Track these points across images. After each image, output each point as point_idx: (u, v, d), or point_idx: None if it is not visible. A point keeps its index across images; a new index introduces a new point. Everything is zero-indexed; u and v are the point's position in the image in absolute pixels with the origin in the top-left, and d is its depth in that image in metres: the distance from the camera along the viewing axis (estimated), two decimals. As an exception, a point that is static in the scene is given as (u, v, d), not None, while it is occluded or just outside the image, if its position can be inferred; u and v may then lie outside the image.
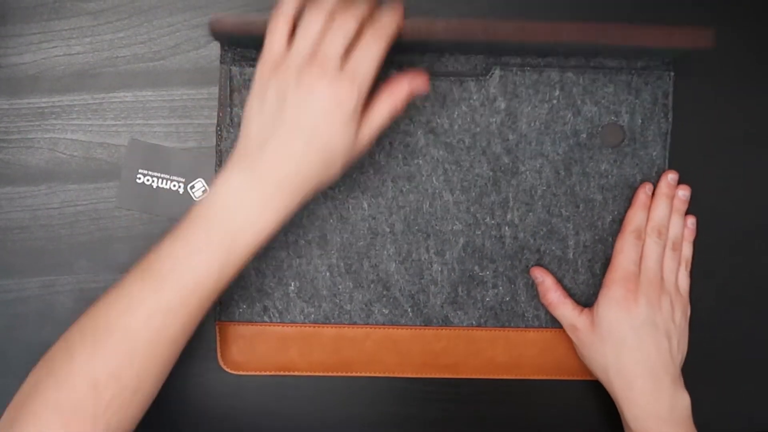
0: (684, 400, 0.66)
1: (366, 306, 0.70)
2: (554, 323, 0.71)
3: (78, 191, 0.70)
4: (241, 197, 0.57)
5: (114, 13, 0.70)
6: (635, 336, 0.65)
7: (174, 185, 0.70)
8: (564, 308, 0.69)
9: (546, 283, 0.70)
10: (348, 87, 0.55)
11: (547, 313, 0.71)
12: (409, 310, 0.71)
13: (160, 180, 0.70)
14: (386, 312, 0.70)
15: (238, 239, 0.57)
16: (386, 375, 0.71)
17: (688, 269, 0.70)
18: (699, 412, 0.67)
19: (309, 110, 0.56)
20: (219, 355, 0.71)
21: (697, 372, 0.72)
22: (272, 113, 0.57)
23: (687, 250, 0.70)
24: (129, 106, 0.70)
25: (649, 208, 0.69)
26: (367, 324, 0.71)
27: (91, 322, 0.57)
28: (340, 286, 0.70)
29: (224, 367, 0.71)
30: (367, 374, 0.71)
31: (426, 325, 0.71)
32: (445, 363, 0.71)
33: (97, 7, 0.70)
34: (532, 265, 0.70)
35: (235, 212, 0.57)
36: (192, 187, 0.70)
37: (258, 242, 0.58)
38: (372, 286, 0.70)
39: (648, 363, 0.65)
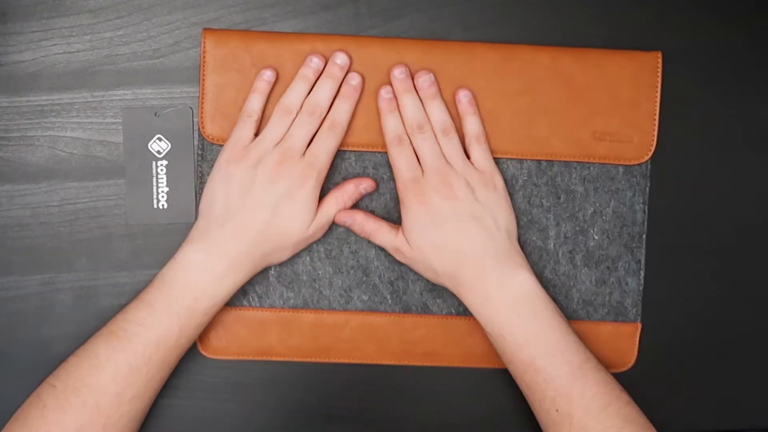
0: (517, 276, 0.65)
1: (345, 292, 0.71)
2: None
3: (78, 189, 0.71)
4: (199, 271, 0.64)
5: (113, 11, 0.70)
6: (442, 233, 0.65)
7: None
8: (383, 233, 0.68)
9: (357, 218, 0.69)
10: (308, 170, 0.65)
11: None
12: (388, 296, 0.71)
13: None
14: (365, 298, 0.71)
15: (195, 307, 0.64)
16: (364, 362, 0.72)
17: (483, 143, 0.68)
18: (698, 412, 0.67)
19: (273, 190, 0.64)
20: (197, 339, 0.70)
21: (697, 372, 0.74)
22: (236, 195, 0.65)
23: (471, 126, 0.68)
24: (129, 103, 0.70)
25: (398, 110, 0.68)
26: (346, 310, 0.71)
27: (61, 380, 0.62)
28: (319, 271, 0.71)
29: (202, 352, 0.71)
30: (346, 361, 0.71)
31: (405, 313, 0.71)
32: (423, 351, 0.72)
33: (97, 5, 0.70)
34: None
35: (194, 284, 0.64)
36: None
37: (212, 308, 0.65)
38: (351, 272, 0.71)
39: (463, 253, 0.65)
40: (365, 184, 0.69)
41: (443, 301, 0.71)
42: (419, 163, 0.66)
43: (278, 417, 0.73)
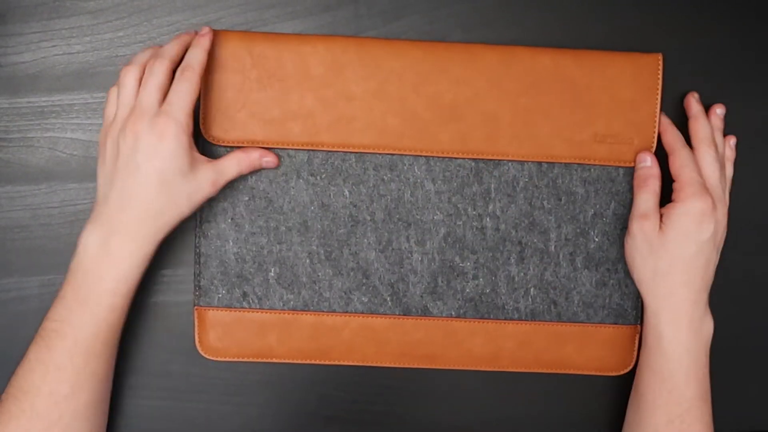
0: (710, 322, 0.67)
1: (345, 294, 0.71)
2: (534, 316, 0.71)
3: (78, 190, 0.71)
4: (96, 251, 0.63)
5: (113, 12, 0.70)
6: (697, 250, 0.66)
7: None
8: (654, 194, 0.68)
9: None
10: (165, 120, 0.62)
11: (527, 305, 0.71)
12: (388, 299, 0.71)
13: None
14: (365, 300, 0.71)
15: (100, 290, 0.63)
16: (364, 364, 0.71)
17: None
18: None
19: (138, 151, 0.62)
20: (197, 340, 0.71)
21: None
22: (110, 168, 0.64)
23: (730, 171, 0.71)
24: (128, 104, 0.70)
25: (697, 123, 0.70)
26: (346, 312, 0.71)
27: (5, 391, 0.63)
28: (319, 273, 0.70)
29: (202, 353, 0.71)
30: (345, 363, 0.71)
31: (405, 315, 0.71)
32: (423, 353, 0.71)
33: (97, 6, 0.70)
34: (514, 258, 0.70)
35: (94, 265, 0.63)
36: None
37: (122, 287, 0.63)
38: (352, 274, 0.71)
39: (696, 276, 0.66)
40: (269, 158, 0.68)
41: (443, 303, 0.71)
42: None
43: (278, 418, 0.73)
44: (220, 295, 0.70)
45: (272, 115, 0.68)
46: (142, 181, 0.62)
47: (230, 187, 0.68)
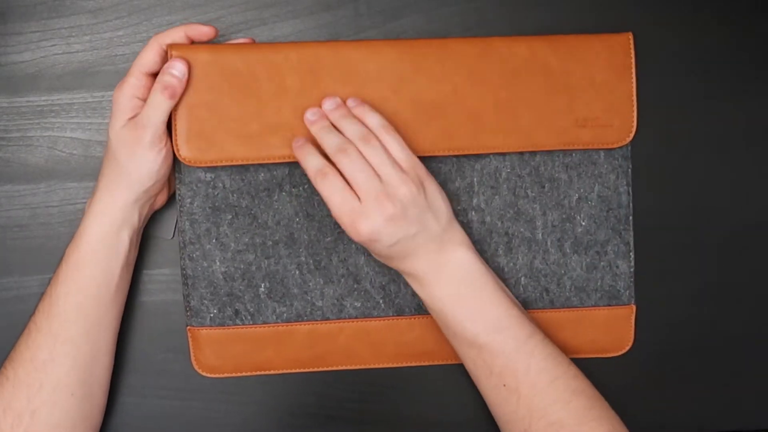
0: (452, 256, 0.63)
1: (338, 301, 0.71)
2: (527, 305, 0.71)
3: (77, 189, 0.71)
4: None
5: (113, 12, 0.70)
6: (381, 251, 0.63)
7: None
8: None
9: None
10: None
11: (519, 295, 0.71)
12: (380, 301, 0.71)
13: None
14: (358, 305, 0.71)
15: (70, 247, 0.64)
16: (362, 367, 0.72)
17: (392, 133, 0.63)
18: (699, 412, 0.68)
19: None
20: (193, 359, 0.71)
21: (697, 372, 0.75)
22: None
23: (373, 119, 0.64)
24: (128, 103, 0.70)
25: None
26: (340, 319, 0.71)
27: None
28: (310, 284, 0.70)
29: (200, 371, 0.71)
30: (342, 368, 0.71)
31: (399, 316, 0.71)
32: (419, 351, 0.72)
33: (97, 6, 0.70)
34: (502, 249, 0.71)
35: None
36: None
37: (88, 245, 0.64)
38: (342, 280, 0.71)
39: (403, 252, 0.63)
40: (177, 65, 0.64)
41: None
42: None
43: (277, 417, 0.73)
44: (212, 315, 0.70)
45: (249, 130, 0.66)
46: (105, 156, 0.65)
47: (212, 207, 0.68)
